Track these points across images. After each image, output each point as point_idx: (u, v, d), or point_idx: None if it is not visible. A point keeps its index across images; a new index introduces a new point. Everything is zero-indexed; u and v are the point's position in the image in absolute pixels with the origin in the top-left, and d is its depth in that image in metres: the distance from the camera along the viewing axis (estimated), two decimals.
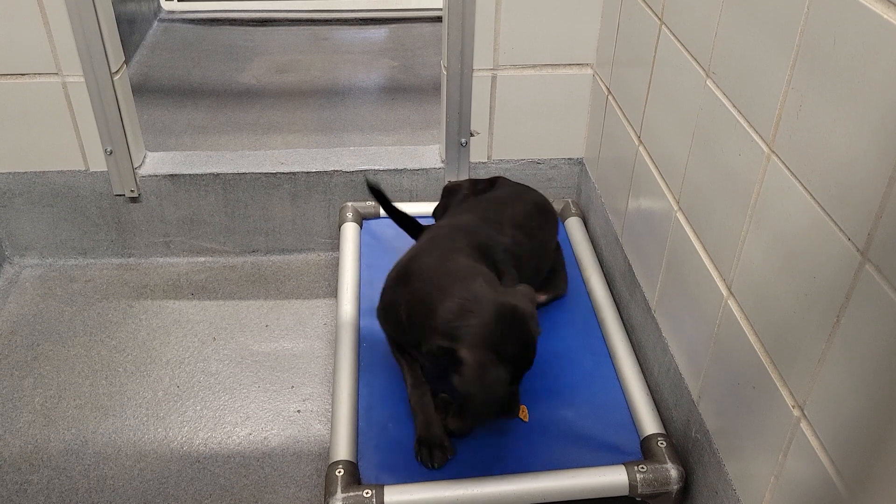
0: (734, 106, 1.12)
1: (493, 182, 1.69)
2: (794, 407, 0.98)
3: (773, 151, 1.02)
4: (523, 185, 1.71)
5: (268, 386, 1.67)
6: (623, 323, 1.60)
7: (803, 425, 0.95)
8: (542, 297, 1.61)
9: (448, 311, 1.19)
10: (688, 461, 1.31)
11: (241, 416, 1.60)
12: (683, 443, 1.33)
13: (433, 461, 1.28)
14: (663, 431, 1.35)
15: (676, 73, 1.34)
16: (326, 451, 1.49)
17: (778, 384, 1.01)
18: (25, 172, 1.89)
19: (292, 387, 1.67)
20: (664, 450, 1.30)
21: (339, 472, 1.25)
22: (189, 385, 1.67)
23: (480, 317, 1.18)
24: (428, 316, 1.22)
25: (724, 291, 1.17)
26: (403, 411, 1.39)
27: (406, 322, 1.30)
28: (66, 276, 1.98)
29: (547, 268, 1.63)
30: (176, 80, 2.88)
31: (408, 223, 1.70)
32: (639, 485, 1.26)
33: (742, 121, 1.10)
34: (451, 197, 1.67)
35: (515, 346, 1.20)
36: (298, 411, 1.61)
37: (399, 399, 1.42)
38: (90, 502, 1.43)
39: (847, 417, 0.87)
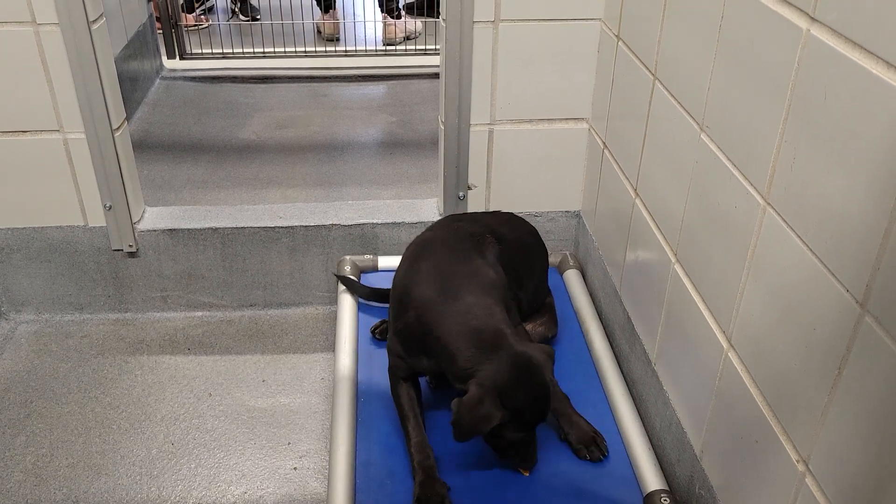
0: (728, 159, 1.13)
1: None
2: (798, 462, 0.96)
3: (769, 203, 1.02)
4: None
5: (264, 443, 1.64)
6: (623, 376, 1.59)
7: (808, 480, 0.93)
8: (528, 327, 1.62)
9: (467, 360, 1.26)
10: None
11: (236, 474, 1.57)
12: (687, 499, 1.31)
13: None
14: (666, 487, 1.32)
15: (671, 127, 1.35)
16: None
17: (781, 438, 1.00)
18: (24, 228, 1.90)
19: (289, 443, 1.64)
20: None
21: None
22: (184, 442, 1.64)
23: (497, 363, 1.25)
24: (450, 362, 1.28)
25: (724, 344, 1.16)
26: (402, 467, 1.37)
27: (425, 355, 1.36)
28: (62, 331, 1.97)
29: (532, 290, 1.63)
30: (176, 136, 2.91)
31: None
32: None
33: (737, 173, 1.11)
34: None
35: (525, 394, 1.24)
36: (295, 468, 1.58)
37: (397, 454, 1.40)
38: None
39: (852, 471, 0.85)
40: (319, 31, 3.73)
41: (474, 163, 1.89)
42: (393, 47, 3.61)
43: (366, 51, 3.60)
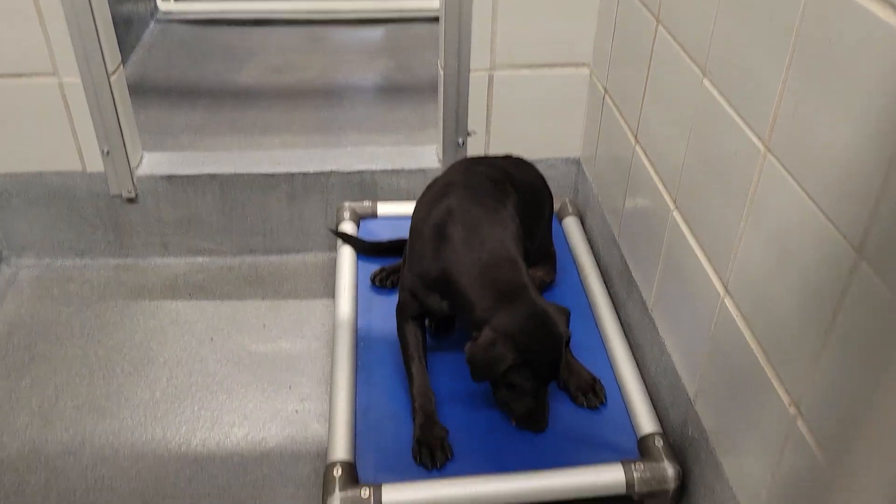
0: (730, 105, 1.13)
1: None
2: (790, 405, 0.98)
3: (769, 150, 1.02)
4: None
5: (266, 386, 1.67)
6: (620, 322, 1.60)
7: (799, 423, 0.96)
8: (539, 276, 1.64)
9: (485, 309, 1.26)
10: (685, 460, 1.31)
11: (239, 417, 1.60)
12: (680, 441, 1.34)
13: (434, 462, 1.28)
14: (660, 430, 1.35)
15: (673, 73, 1.34)
16: (324, 450, 1.49)
17: (774, 382, 1.02)
18: (22, 173, 1.89)
19: (290, 387, 1.67)
20: (661, 448, 1.30)
21: (338, 471, 1.26)
22: (187, 385, 1.67)
23: (513, 312, 1.25)
24: (468, 309, 1.29)
25: (721, 290, 1.17)
26: (401, 411, 1.39)
27: (441, 296, 1.36)
28: (63, 276, 1.98)
29: (539, 239, 1.63)
30: (173, 81, 2.88)
31: (392, 245, 1.77)
32: (636, 483, 1.26)
33: (738, 119, 1.10)
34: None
35: (537, 343, 1.24)
36: (296, 411, 1.61)
37: (397, 399, 1.42)
38: (88, 503, 1.43)
39: (842, 415, 0.87)
40: None
41: (474, 109, 1.88)
42: None
43: None
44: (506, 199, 1.45)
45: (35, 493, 1.44)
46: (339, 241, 1.83)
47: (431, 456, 1.29)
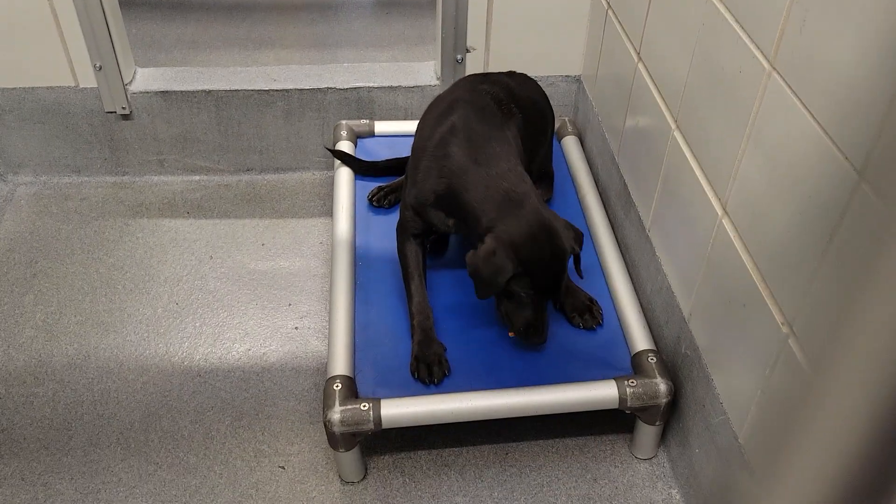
0: (736, 20, 1.10)
1: None
2: (783, 324, 1.00)
3: (775, 68, 1.00)
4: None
5: (265, 303, 1.69)
6: (617, 242, 1.61)
7: (791, 341, 0.97)
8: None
9: (491, 220, 1.27)
10: (677, 376, 1.34)
11: (239, 333, 1.63)
12: (673, 359, 1.37)
13: (432, 377, 1.31)
14: (654, 348, 1.38)
15: None
16: (324, 366, 1.53)
17: (769, 302, 1.03)
18: (14, 88, 1.86)
19: (290, 304, 1.69)
20: (654, 365, 1.33)
21: (337, 386, 1.29)
22: (188, 302, 1.69)
23: (516, 220, 1.26)
24: (474, 223, 1.29)
25: (719, 211, 1.18)
26: (399, 328, 1.42)
27: (446, 213, 1.36)
28: (60, 193, 1.97)
29: (541, 159, 1.63)
30: None
31: (390, 164, 1.77)
32: (628, 398, 1.29)
33: (744, 36, 1.08)
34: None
35: (539, 252, 1.25)
36: (296, 328, 1.64)
37: (395, 316, 1.44)
38: (95, 414, 1.47)
39: (834, 334, 0.89)
40: None
41: (473, 24, 1.83)
42: None
43: None
44: (510, 118, 1.44)
45: (43, 404, 1.48)
46: (337, 161, 1.82)
47: (429, 371, 1.31)
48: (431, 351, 1.34)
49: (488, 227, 1.26)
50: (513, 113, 1.45)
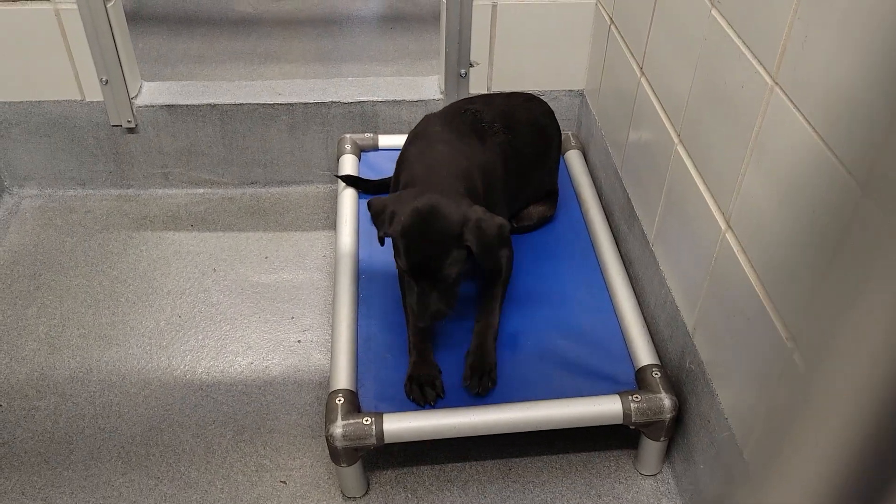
0: (739, 36, 1.10)
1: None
2: (787, 339, 0.99)
3: (777, 83, 1.00)
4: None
5: (268, 317, 1.69)
6: (621, 256, 1.61)
7: (796, 357, 0.97)
8: (539, 210, 1.66)
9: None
10: (681, 391, 1.34)
11: (242, 346, 1.62)
12: (677, 373, 1.36)
13: (425, 398, 1.29)
14: (658, 362, 1.37)
15: (681, 2, 1.31)
16: (326, 380, 1.52)
17: (773, 316, 1.03)
18: (21, 102, 1.87)
19: (292, 317, 1.69)
20: (658, 380, 1.32)
21: (340, 400, 1.28)
22: (191, 315, 1.69)
23: (413, 194, 1.30)
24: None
25: (723, 225, 1.17)
26: (402, 342, 1.41)
27: None
28: (65, 206, 1.98)
29: (538, 179, 1.64)
30: (170, 8, 2.81)
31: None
32: (633, 414, 1.29)
33: (746, 51, 1.08)
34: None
35: (412, 227, 1.25)
36: (299, 341, 1.64)
37: (397, 330, 1.44)
38: (97, 427, 1.46)
39: (835, 347, 0.88)
40: None
41: (477, 39, 1.84)
42: None
43: None
44: (488, 136, 1.47)
45: (45, 417, 1.48)
46: (341, 174, 1.82)
47: (422, 393, 1.30)
48: (425, 372, 1.32)
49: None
50: (495, 132, 1.49)
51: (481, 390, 1.31)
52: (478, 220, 1.26)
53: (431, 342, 1.39)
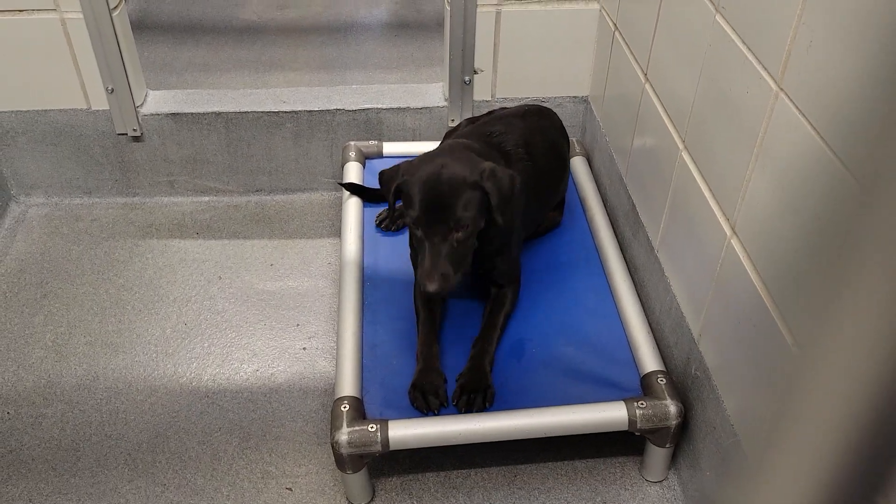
0: (743, 42, 1.11)
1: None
2: (793, 345, 0.99)
3: (782, 88, 1.01)
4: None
5: (273, 324, 1.69)
6: (626, 262, 1.61)
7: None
8: (548, 217, 1.67)
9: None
10: (687, 398, 1.33)
11: (248, 353, 1.63)
12: (683, 380, 1.36)
13: (428, 406, 1.29)
14: (663, 368, 1.37)
15: (685, 8, 1.31)
16: (332, 387, 1.52)
17: (779, 322, 1.02)
18: (27, 111, 1.88)
19: (297, 325, 1.69)
20: (664, 386, 1.32)
21: (345, 407, 1.28)
22: (196, 323, 1.69)
23: (424, 156, 1.33)
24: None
25: (728, 231, 1.17)
26: (407, 349, 1.41)
27: None
28: (71, 214, 1.99)
29: (561, 188, 1.65)
30: (175, 17, 2.83)
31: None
32: (638, 420, 1.28)
33: (751, 57, 1.08)
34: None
35: (424, 174, 1.27)
36: (304, 348, 1.64)
37: (402, 336, 1.44)
38: (103, 434, 1.46)
39: (850, 357, 0.88)
40: None
41: (481, 46, 1.85)
42: None
43: None
44: (511, 161, 1.46)
45: (52, 425, 1.48)
46: (345, 181, 1.82)
47: (426, 401, 1.29)
48: (429, 381, 1.32)
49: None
50: (518, 158, 1.48)
51: (474, 409, 1.29)
52: (493, 169, 1.28)
53: (438, 349, 1.39)
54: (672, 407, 1.29)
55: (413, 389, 1.32)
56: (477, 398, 1.29)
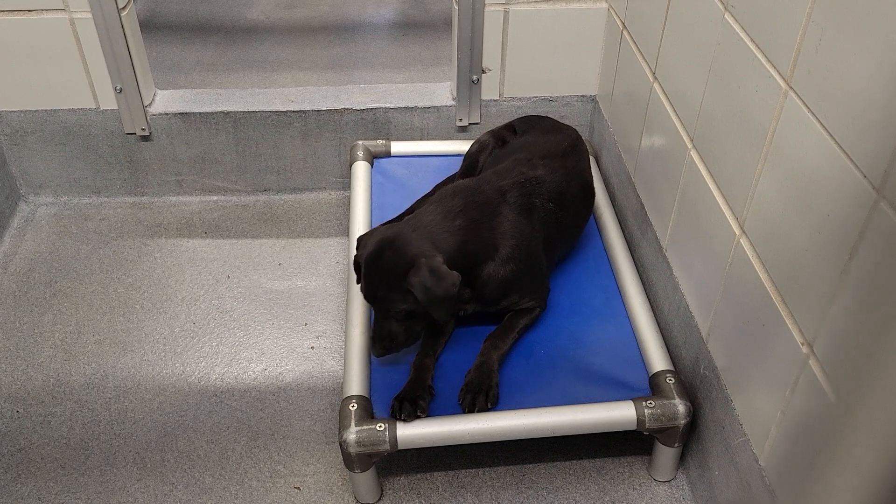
0: (752, 41, 1.10)
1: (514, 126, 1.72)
2: (803, 344, 0.98)
3: (791, 87, 1.00)
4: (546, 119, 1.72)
5: (282, 323, 1.69)
6: (634, 262, 1.61)
7: (811, 362, 0.96)
8: None
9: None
10: (696, 397, 1.33)
11: (256, 352, 1.63)
12: (692, 379, 1.35)
13: (402, 413, 1.26)
14: (672, 368, 1.36)
15: (693, 7, 1.31)
16: (340, 386, 1.52)
17: (788, 322, 1.02)
18: (37, 111, 1.89)
19: (306, 324, 1.69)
20: (672, 386, 1.32)
21: (353, 406, 1.28)
22: (205, 322, 1.70)
23: (380, 231, 1.34)
24: None
25: (737, 230, 1.17)
26: (414, 347, 1.41)
27: None
28: (80, 214, 2.00)
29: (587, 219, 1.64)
30: (183, 17, 2.84)
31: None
32: (646, 420, 1.28)
33: (760, 56, 1.08)
34: (476, 156, 1.68)
35: (368, 255, 1.28)
36: (312, 348, 1.64)
37: None
38: (112, 433, 1.47)
39: (854, 355, 0.88)
40: None
41: (489, 45, 1.84)
42: None
43: None
44: (534, 213, 1.42)
45: (61, 423, 1.49)
46: (353, 180, 1.83)
47: (401, 408, 1.27)
48: (413, 394, 1.29)
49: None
50: (546, 210, 1.44)
51: (476, 409, 1.28)
52: (425, 267, 1.22)
53: (432, 361, 1.37)
54: (681, 406, 1.29)
55: (394, 399, 1.29)
56: (479, 399, 1.29)
